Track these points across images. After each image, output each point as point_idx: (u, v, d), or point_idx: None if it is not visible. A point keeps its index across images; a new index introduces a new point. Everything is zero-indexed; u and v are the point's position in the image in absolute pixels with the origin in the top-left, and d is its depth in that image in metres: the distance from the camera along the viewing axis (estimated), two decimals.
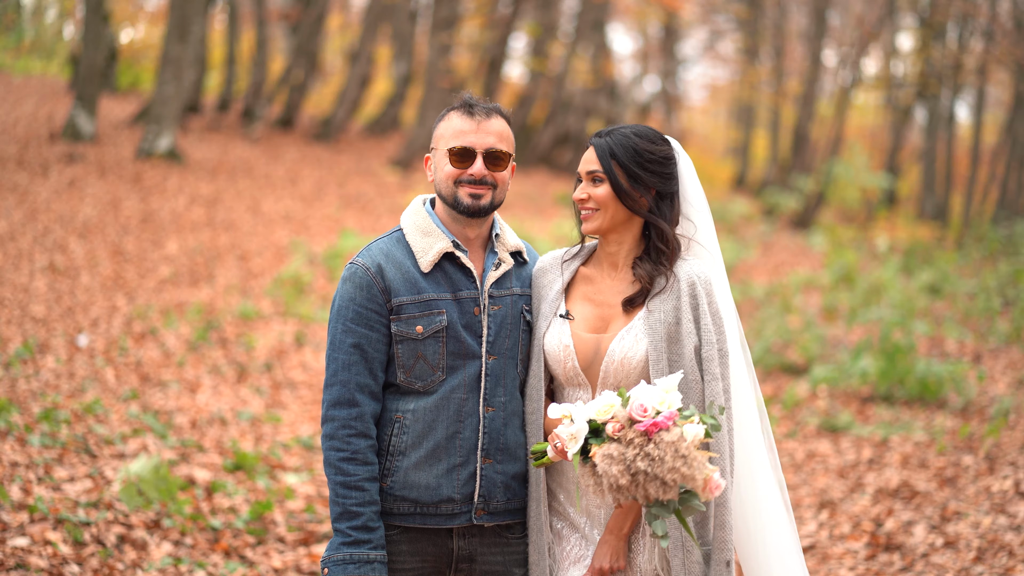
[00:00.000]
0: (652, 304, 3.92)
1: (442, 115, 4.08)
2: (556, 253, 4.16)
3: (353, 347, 3.93)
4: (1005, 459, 8.67)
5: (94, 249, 14.95)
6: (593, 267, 4.09)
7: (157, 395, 10.09)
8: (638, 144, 3.95)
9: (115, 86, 30.85)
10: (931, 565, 6.81)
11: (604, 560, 3.88)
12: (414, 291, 3.96)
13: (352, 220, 19.74)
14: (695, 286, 3.92)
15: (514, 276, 4.11)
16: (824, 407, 10.92)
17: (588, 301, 4.04)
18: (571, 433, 3.66)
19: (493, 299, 4.03)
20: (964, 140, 37.30)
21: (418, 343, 3.94)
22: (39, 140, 21.18)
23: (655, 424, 3.56)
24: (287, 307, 13.95)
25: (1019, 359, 12.53)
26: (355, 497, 3.88)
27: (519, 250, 4.15)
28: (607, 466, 3.56)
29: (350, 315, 3.95)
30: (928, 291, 17.17)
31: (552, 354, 4.00)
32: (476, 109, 4.01)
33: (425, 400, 3.96)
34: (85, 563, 6.19)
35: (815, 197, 27.88)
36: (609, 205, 3.95)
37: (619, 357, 3.91)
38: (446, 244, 4.00)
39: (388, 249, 4.04)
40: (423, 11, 31.93)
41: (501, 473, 4.01)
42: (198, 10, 21.62)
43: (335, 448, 3.91)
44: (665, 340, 3.88)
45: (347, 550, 3.86)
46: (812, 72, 29.90)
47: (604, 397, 3.67)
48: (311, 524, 7.53)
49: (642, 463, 3.52)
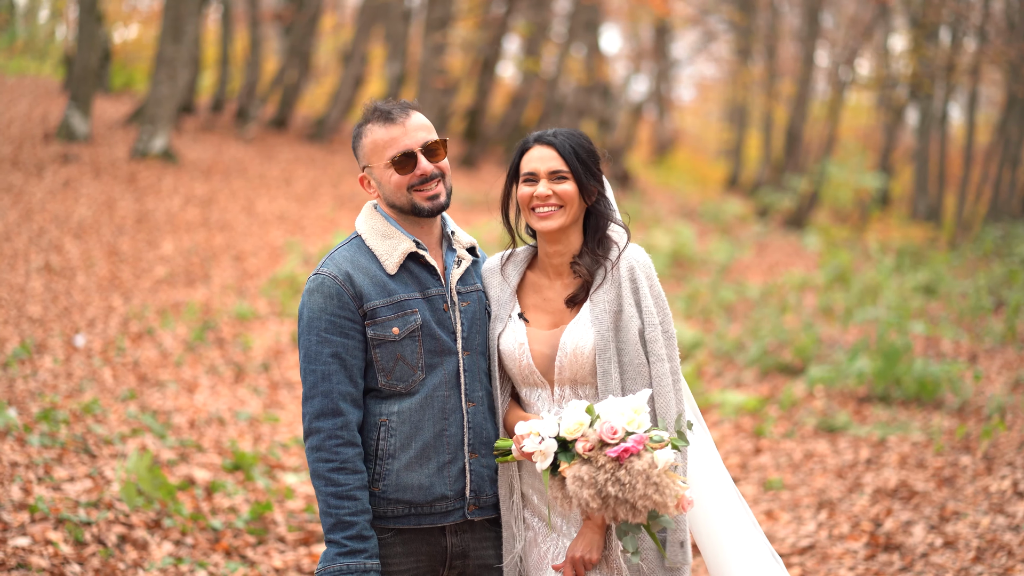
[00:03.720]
0: (595, 296, 4.00)
1: (359, 133, 4.06)
2: (503, 254, 4.23)
3: (332, 357, 3.92)
4: (1003, 459, 8.69)
5: (90, 249, 14.93)
6: (538, 274, 4.15)
7: (155, 395, 10.09)
8: (588, 144, 4.09)
9: (109, 86, 30.78)
10: (930, 565, 6.82)
11: (578, 550, 3.92)
12: (385, 294, 3.96)
13: (346, 220, 19.73)
14: (634, 270, 4.02)
15: (474, 273, 4.16)
16: (821, 407, 10.94)
17: (538, 308, 4.10)
18: (540, 450, 3.70)
19: (461, 295, 4.06)
20: (957, 140, 37.34)
21: (396, 344, 3.94)
22: (33, 141, 21.15)
23: (626, 450, 3.58)
24: (283, 307, 13.94)
25: (1015, 359, 12.55)
26: (348, 507, 3.88)
27: (473, 246, 4.20)
28: (578, 488, 3.61)
29: (323, 325, 3.93)
30: (923, 291, 17.20)
31: (508, 354, 4.05)
32: (394, 112, 4.01)
33: (409, 401, 3.97)
34: (86, 563, 6.19)
35: (808, 197, 27.92)
36: (574, 202, 4.03)
37: (571, 349, 3.97)
38: (409, 244, 4.01)
39: (352, 256, 4.02)
40: (417, 11, 31.89)
41: (487, 467, 4.05)
42: (192, 10, 21.58)
43: (323, 459, 3.89)
44: (612, 329, 3.96)
45: (343, 560, 3.85)
46: (805, 73, 29.93)
47: (572, 411, 3.71)
48: (311, 524, 7.53)
49: (613, 488, 3.57)
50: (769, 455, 9.75)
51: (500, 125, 30.42)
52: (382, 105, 4.04)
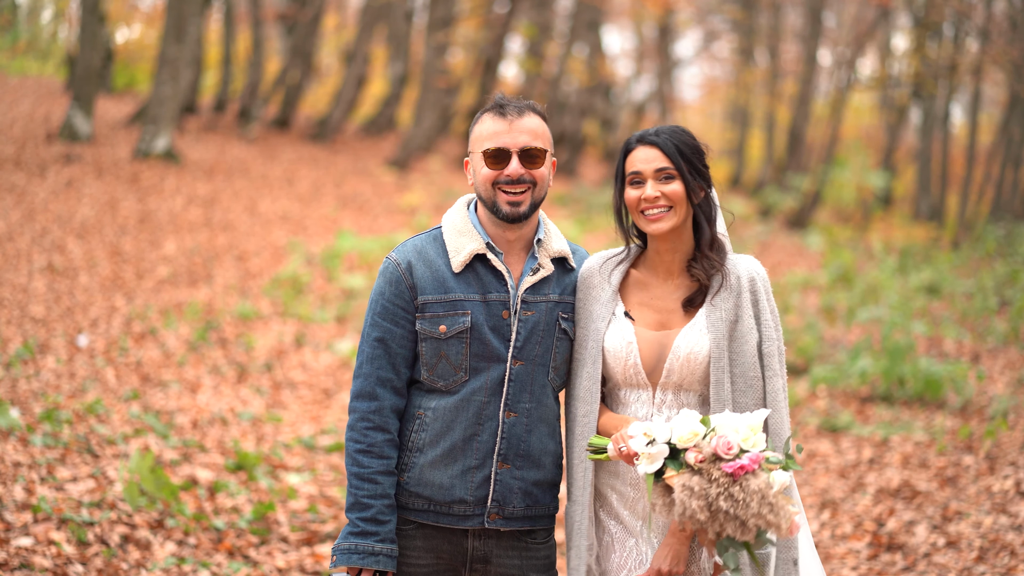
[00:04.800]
0: (714, 301, 3.90)
1: (476, 118, 4.04)
2: (604, 254, 4.10)
3: (377, 341, 3.95)
4: (1005, 459, 8.69)
5: (92, 249, 14.94)
6: (645, 272, 4.04)
7: (158, 395, 10.09)
8: (691, 140, 3.98)
9: (111, 86, 30.81)
10: (933, 565, 6.82)
11: (665, 562, 3.82)
12: (441, 290, 3.94)
13: (349, 220, 19.74)
14: (755, 282, 3.92)
15: (554, 282, 4.05)
16: (824, 407, 10.94)
17: (645, 306, 3.99)
18: (649, 452, 3.61)
19: (527, 304, 3.98)
20: (959, 140, 37.33)
21: (441, 343, 3.93)
22: (36, 141, 21.16)
23: (742, 467, 3.51)
24: (286, 307, 13.95)
25: (1017, 359, 12.55)
26: (367, 489, 3.90)
27: (564, 256, 4.08)
28: (687, 498, 3.52)
29: (378, 309, 3.97)
30: (925, 291, 17.20)
31: (613, 353, 3.93)
32: (508, 108, 3.97)
33: (446, 399, 3.95)
34: (89, 563, 6.19)
35: (811, 197, 27.90)
36: (683, 202, 3.92)
37: (684, 353, 3.87)
38: (479, 245, 3.96)
39: (422, 247, 4.01)
40: (419, 11, 31.91)
41: (519, 479, 3.99)
42: (194, 10, 21.60)
43: (353, 439, 3.95)
44: (727, 337, 3.87)
45: (354, 540, 3.89)
46: (807, 72, 29.91)
47: (686, 420, 3.61)
48: (314, 524, 7.53)
49: (725, 503, 3.48)
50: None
51: None
52: (501, 99, 4.01)
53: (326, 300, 14.65)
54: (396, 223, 19.96)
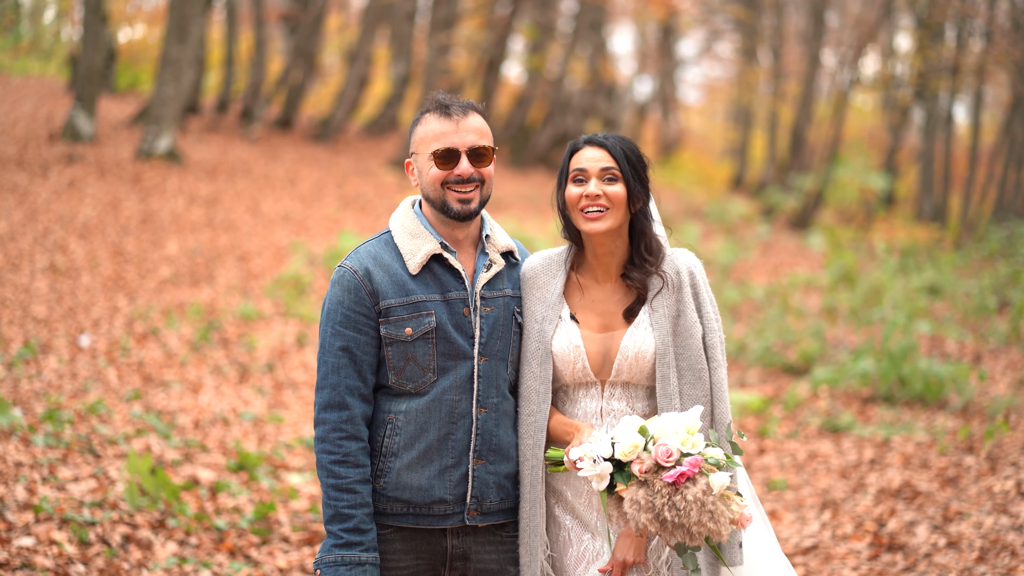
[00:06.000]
0: (655, 302, 4.01)
1: (417, 118, 4.06)
2: (546, 253, 4.17)
3: (341, 350, 3.95)
4: (1007, 459, 8.69)
5: (94, 250, 14.95)
6: (584, 275, 4.12)
7: (159, 395, 10.10)
8: (637, 150, 4.09)
9: (114, 87, 30.83)
10: (934, 565, 6.82)
11: (628, 553, 3.91)
12: (402, 293, 3.96)
13: (351, 220, 19.75)
14: (694, 275, 4.05)
15: (506, 277, 4.12)
16: (825, 408, 10.94)
17: (587, 309, 4.08)
18: (596, 473, 3.67)
19: (485, 300, 4.03)
20: (962, 141, 37.30)
21: (408, 345, 3.94)
22: (38, 141, 21.18)
23: (682, 475, 3.57)
24: (287, 307, 13.96)
25: (1019, 359, 12.54)
26: (347, 500, 3.90)
27: (510, 250, 4.16)
28: (635, 512, 3.60)
29: (338, 318, 3.96)
30: (927, 292, 17.19)
31: (561, 356, 4.02)
32: (452, 109, 4.00)
33: (417, 401, 3.97)
34: (91, 563, 6.20)
35: (813, 197, 27.89)
36: (622, 206, 4.02)
37: (632, 353, 3.96)
38: (434, 246, 4.00)
39: (376, 252, 4.03)
40: (422, 12, 31.92)
41: (493, 474, 4.03)
42: (197, 11, 21.61)
43: (326, 451, 3.93)
44: (671, 333, 3.97)
45: (339, 552, 3.89)
46: (810, 73, 29.91)
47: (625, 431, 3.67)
48: (315, 524, 7.54)
49: (669, 514, 3.56)
50: (773, 455, 9.75)
51: (505, 125, 30.40)
52: (444, 99, 4.04)
53: None
54: None
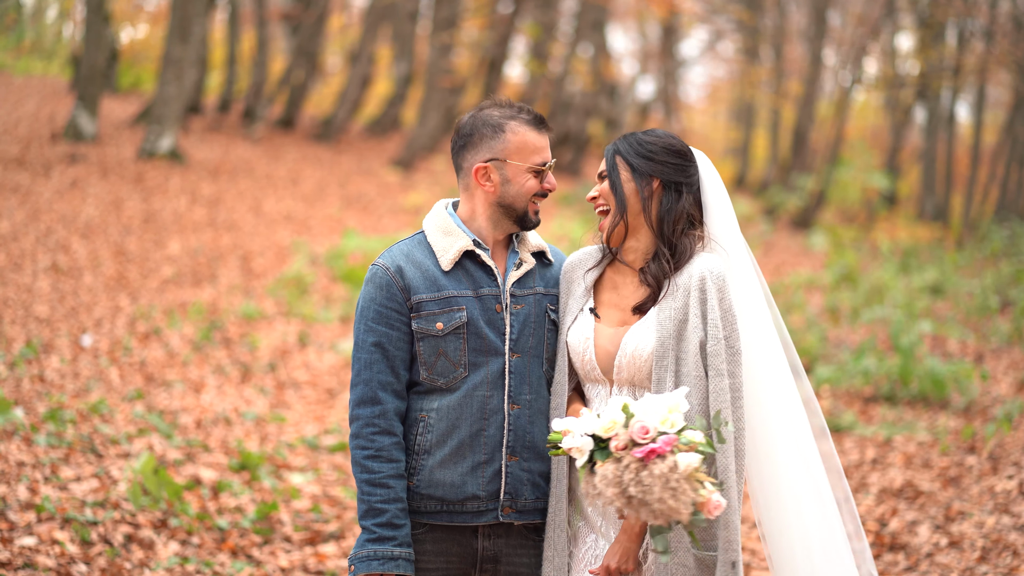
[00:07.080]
0: (663, 303, 3.96)
1: (501, 124, 4.08)
2: (587, 250, 4.19)
3: (374, 346, 3.97)
4: (1009, 459, 8.69)
5: (97, 249, 14.96)
6: (618, 271, 4.12)
7: (162, 395, 10.11)
8: (641, 138, 4.05)
9: (116, 86, 30.84)
10: (935, 565, 6.82)
11: (613, 559, 3.86)
12: (434, 288, 3.99)
13: (354, 220, 19.76)
14: (705, 281, 3.92)
15: (537, 276, 4.14)
16: (827, 407, 10.94)
17: (613, 304, 4.07)
18: (577, 447, 3.66)
19: (515, 298, 4.05)
20: (964, 140, 37.29)
21: (439, 340, 3.97)
22: (41, 140, 21.19)
23: (652, 451, 3.53)
24: (290, 307, 13.97)
25: (1021, 359, 12.54)
26: (380, 494, 3.91)
27: (542, 251, 4.19)
28: (604, 487, 3.58)
29: (371, 315, 3.99)
30: (929, 291, 17.19)
31: (573, 348, 4.03)
32: (545, 123, 4.08)
33: (448, 398, 3.98)
34: (93, 562, 6.20)
35: (815, 197, 27.88)
36: (610, 200, 4.02)
37: (630, 350, 3.94)
38: (466, 242, 4.03)
39: (408, 250, 4.07)
40: (424, 12, 31.92)
41: (528, 471, 4.02)
42: (199, 10, 21.62)
43: (360, 446, 3.95)
44: (674, 336, 3.91)
45: (372, 547, 3.89)
46: (812, 72, 29.89)
47: (610, 409, 3.67)
48: (317, 524, 7.55)
49: (634, 489, 3.53)
50: None
51: None
52: (532, 111, 4.10)
53: (330, 300, 14.67)
54: (400, 223, 19.97)
